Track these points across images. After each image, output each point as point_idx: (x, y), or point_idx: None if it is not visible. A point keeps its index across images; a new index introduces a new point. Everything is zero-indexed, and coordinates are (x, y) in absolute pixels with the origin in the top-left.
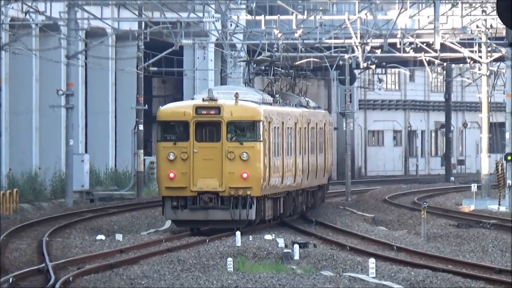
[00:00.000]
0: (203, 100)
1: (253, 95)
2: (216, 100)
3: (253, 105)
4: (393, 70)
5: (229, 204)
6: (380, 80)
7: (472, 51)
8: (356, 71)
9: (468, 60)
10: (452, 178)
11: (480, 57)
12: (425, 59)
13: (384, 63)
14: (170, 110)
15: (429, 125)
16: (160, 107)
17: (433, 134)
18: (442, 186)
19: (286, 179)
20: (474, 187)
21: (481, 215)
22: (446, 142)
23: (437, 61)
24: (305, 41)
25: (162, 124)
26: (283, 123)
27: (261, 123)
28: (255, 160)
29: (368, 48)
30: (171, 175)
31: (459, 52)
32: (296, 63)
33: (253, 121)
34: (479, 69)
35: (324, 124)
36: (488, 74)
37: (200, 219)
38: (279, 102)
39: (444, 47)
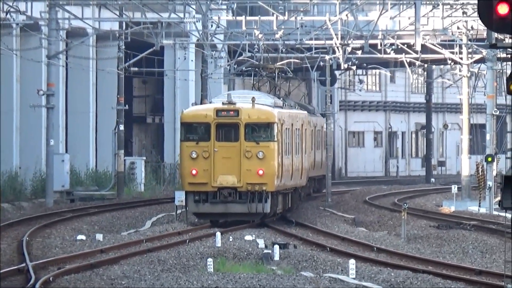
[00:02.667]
0: (223, 103)
1: (265, 98)
2: (234, 103)
3: (268, 108)
4: (373, 71)
5: (247, 198)
6: (360, 81)
7: (453, 53)
8: (337, 72)
9: (449, 62)
10: (433, 180)
11: (461, 58)
12: (406, 60)
13: (364, 64)
14: (192, 112)
15: (409, 126)
16: (183, 110)
17: (413, 136)
18: (423, 187)
19: (295, 176)
20: (454, 188)
21: (462, 217)
22: (426, 144)
23: (418, 62)
24: (285, 42)
25: (185, 126)
26: (292, 124)
27: (275, 124)
28: (270, 158)
29: (349, 49)
30: (194, 172)
31: (440, 53)
32: (277, 64)
33: (268, 123)
34: (460, 71)
35: (322, 126)
36: (468, 75)
37: (220, 212)
38: (285, 105)
39: (425, 48)
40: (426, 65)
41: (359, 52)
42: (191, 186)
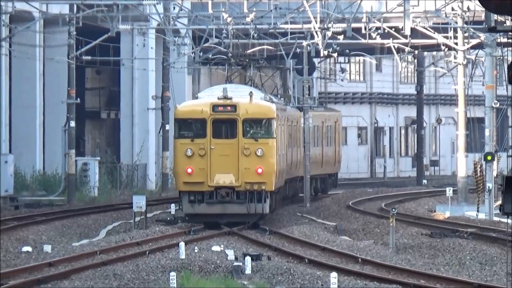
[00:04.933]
0: (218, 98)
1: (256, 93)
2: (231, 98)
3: (266, 103)
4: (357, 58)
5: (245, 198)
6: (342, 70)
7: (446, 37)
8: (316, 60)
9: (443, 47)
10: (425, 181)
11: (456, 43)
12: (394, 46)
13: (347, 51)
14: (187, 108)
15: (398, 121)
16: (177, 105)
17: (402, 131)
18: (413, 190)
19: (294, 169)
20: (449, 191)
21: (458, 223)
22: (417, 140)
23: (407, 49)
24: (257, 26)
25: (180, 122)
26: (292, 121)
27: (274, 120)
28: (270, 156)
29: (329, 34)
30: (189, 170)
31: (432, 38)
32: (248, 51)
33: (267, 119)
34: (455, 58)
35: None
36: (465, 63)
37: (217, 213)
38: (271, 100)
39: (415, 33)
40: (416, 52)
41: (341, 37)
42: (186, 186)
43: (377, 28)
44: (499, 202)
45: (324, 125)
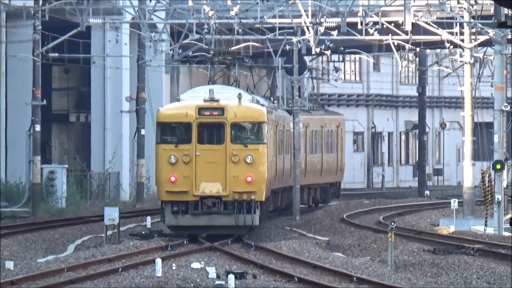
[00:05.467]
0: (204, 100)
1: (244, 95)
2: (218, 100)
3: (257, 106)
4: (353, 57)
5: (233, 209)
6: (336, 70)
7: (451, 33)
8: (307, 58)
9: (447, 45)
10: (427, 192)
11: (462, 40)
12: (393, 43)
13: (341, 48)
14: (171, 111)
15: (398, 126)
16: (159, 108)
17: (403, 137)
18: (415, 201)
19: (287, 178)
20: (454, 203)
21: (463, 238)
22: (419, 147)
23: (408, 46)
24: (242, 21)
25: (162, 126)
26: (284, 125)
27: (265, 124)
28: (260, 163)
29: (321, 29)
30: (172, 178)
31: (436, 34)
32: (232, 48)
33: (258, 123)
34: (461, 56)
35: (337, 127)
36: (472, 61)
37: (202, 225)
38: (259, 102)
39: (416, 28)
40: (418, 49)
41: (335, 33)
42: (169, 195)
43: (375, 23)
44: (509, 215)
45: (323, 129)
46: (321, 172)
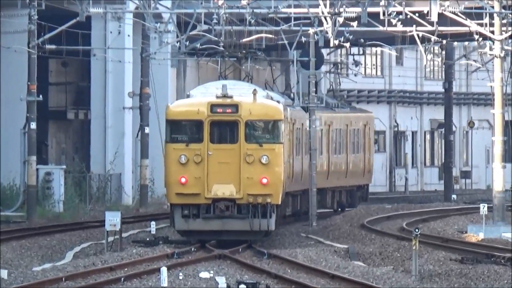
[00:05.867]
0: (217, 97)
1: (259, 91)
2: (231, 97)
3: (273, 103)
4: (374, 49)
5: (247, 213)
6: (356, 63)
7: (481, 24)
8: (324, 51)
9: (476, 37)
10: (454, 196)
11: (492, 32)
12: (418, 35)
13: (362, 40)
14: (181, 107)
15: (422, 125)
16: (169, 104)
17: (427, 137)
18: (440, 206)
19: (304, 179)
20: (483, 208)
21: (493, 247)
22: (445, 148)
23: (433, 38)
24: (255, 11)
25: (173, 124)
26: (303, 124)
27: (282, 122)
28: (276, 164)
29: (340, 20)
30: (183, 180)
31: (464, 25)
32: (243, 40)
33: (274, 121)
34: (491, 49)
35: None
36: (502, 55)
37: (215, 230)
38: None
39: (443, 19)
40: (445, 42)
41: (355, 24)
42: (179, 198)
43: (398, 13)
44: None
45: (348, 128)
46: (346, 174)
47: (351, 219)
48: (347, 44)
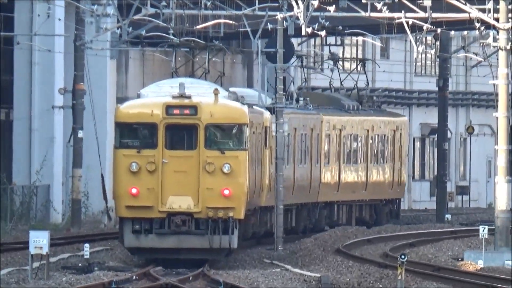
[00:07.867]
0: (173, 97)
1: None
2: (190, 97)
3: (237, 105)
4: (354, 39)
5: (207, 228)
6: (333, 56)
7: (483, 10)
8: (295, 41)
9: (477, 25)
10: (448, 216)
11: (497, 19)
12: (407, 23)
13: (340, 28)
14: (133, 109)
15: (411, 130)
16: (119, 105)
17: (417, 144)
18: (432, 228)
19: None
20: (483, 231)
21: (495, 277)
22: (438, 158)
23: (426, 26)
24: None
25: (122, 127)
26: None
27: (246, 126)
28: (239, 174)
29: (315, 3)
30: (134, 191)
31: (463, 11)
32: (198, 26)
33: (238, 124)
34: (495, 40)
35: (393, 131)
36: (508, 47)
37: (170, 247)
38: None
39: (438, 3)
40: (439, 31)
41: (331, 8)
42: (129, 211)
43: None
44: None
45: (369, 134)
46: (366, 187)
47: (324, 242)
48: (323, 33)
